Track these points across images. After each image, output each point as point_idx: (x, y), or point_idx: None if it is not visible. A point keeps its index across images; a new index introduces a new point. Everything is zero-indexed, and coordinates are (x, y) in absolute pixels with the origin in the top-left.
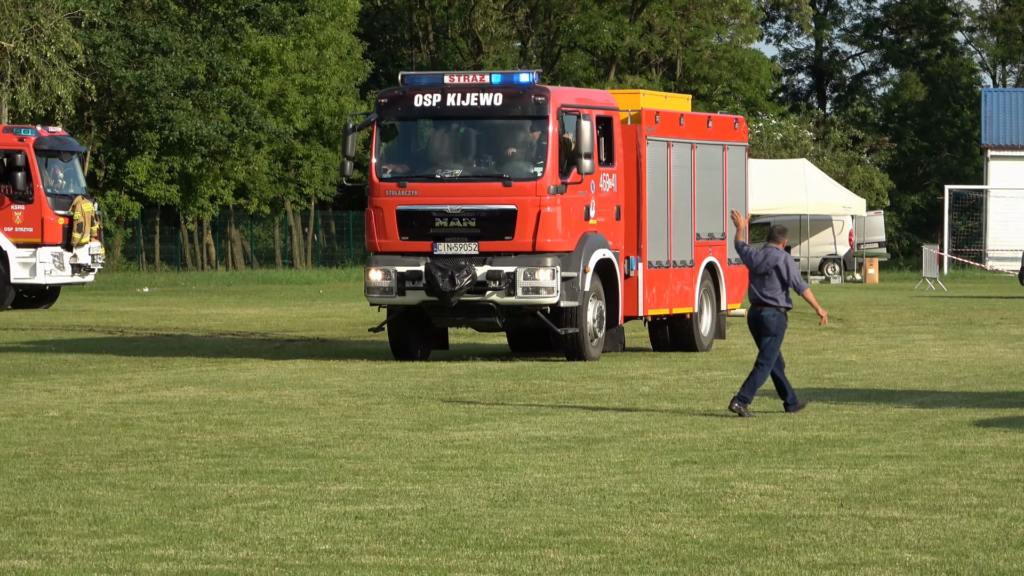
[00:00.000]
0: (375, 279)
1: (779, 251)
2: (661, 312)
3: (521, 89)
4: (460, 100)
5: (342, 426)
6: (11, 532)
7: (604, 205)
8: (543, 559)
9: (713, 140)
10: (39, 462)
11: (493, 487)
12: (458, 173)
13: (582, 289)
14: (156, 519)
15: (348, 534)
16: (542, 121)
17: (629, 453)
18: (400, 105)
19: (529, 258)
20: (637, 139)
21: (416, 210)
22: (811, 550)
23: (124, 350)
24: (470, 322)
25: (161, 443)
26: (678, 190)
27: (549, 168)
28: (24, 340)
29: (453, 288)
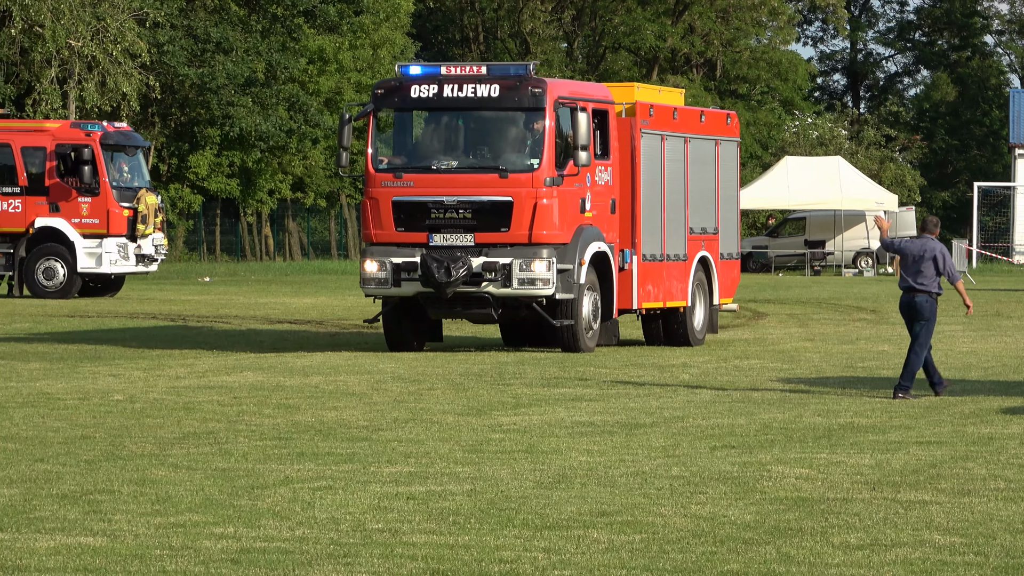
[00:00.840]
0: (371, 270)
1: (935, 242)
2: (655, 305)
3: (518, 80)
4: (457, 91)
5: (394, 411)
6: (78, 510)
7: (599, 198)
8: (587, 539)
9: (706, 135)
10: (105, 444)
11: (539, 470)
12: (454, 164)
13: (577, 281)
14: (216, 499)
15: (400, 514)
16: (539, 113)
17: (670, 438)
18: (397, 96)
19: (525, 250)
20: (632, 132)
21: (412, 201)
22: (844, 531)
23: (186, 337)
24: (465, 313)
25: (221, 426)
26: (672, 184)
27: (545, 160)
28: (90, 327)
29: (449, 279)
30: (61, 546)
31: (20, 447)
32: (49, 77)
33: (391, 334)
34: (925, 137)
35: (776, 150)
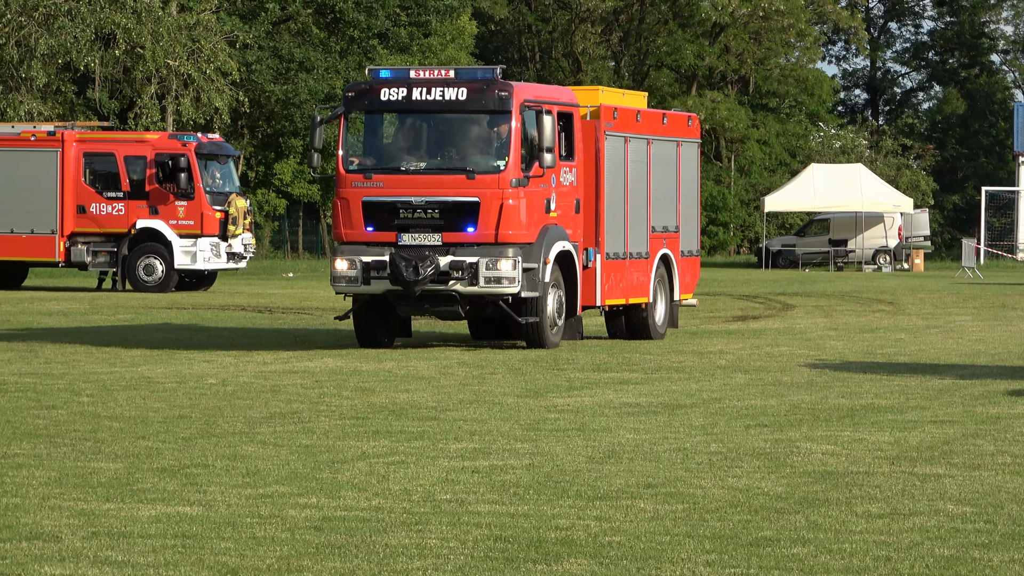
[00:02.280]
0: (341, 268)
1: None
2: (618, 302)
3: (485, 84)
4: (425, 94)
5: (460, 393)
6: (176, 482)
7: (564, 198)
8: (634, 508)
9: (668, 136)
10: (199, 423)
11: (591, 446)
12: (422, 166)
13: (542, 280)
14: (300, 472)
15: (466, 486)
16: (505, 116)
17: (708, 417)
18: (367, 98)
19: (491, 249)
20: (596, 134)
21: (381, 201)
22: (866, 502)
23: (272, 326)
24: (433, 311)
25: (304, 407)
26: (634, 184)
27: (511, 162)
28: (186, 318)
29: (417, 278)
30: (161, 515)
31: (124, 426)
32: (149, 93)
33: (361, 330)
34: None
35: (803, 158)
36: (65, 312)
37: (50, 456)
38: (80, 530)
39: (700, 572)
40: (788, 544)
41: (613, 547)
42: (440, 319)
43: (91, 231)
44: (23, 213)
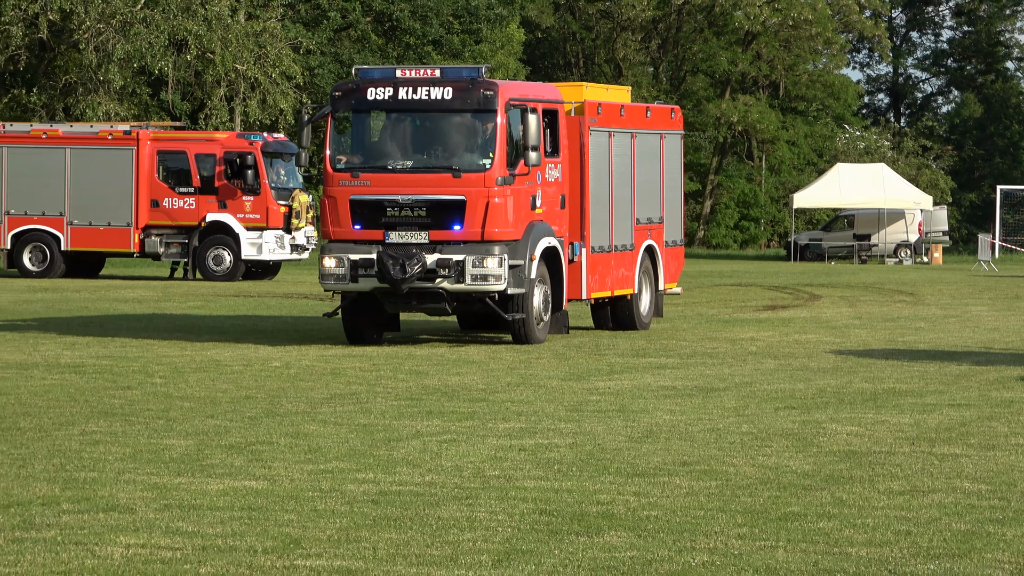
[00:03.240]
0: (329, 266)
1: None
2: (603, 295)
3: (470, 83)
4: (411, 93)
5: (507, 376)
6: (243, 458)
7: (549, 194)
8: (670, 485)
9: (652, 129)
10: (264, 403)
11: (630, 426)
12: (409, 164)
13: (528, 276)
14: (359, 449)
15: (513, 463)
16: (491, 114)
17: (740, 400)
18: (353, 98)
19: (478, 247)
20: (581, 130)
21: (368, 200)
22: (888, 479)
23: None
24: (421, 308)
25: (362, 388)
26: (619, 177)
27: (497, 160)
28: (252, 305)
29: (404, 276)
30: (229, 488)
31: (194, 405)
32: (218, 95)
33: (349, 327)
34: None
35: (829, 158)
36: (139, 299)
37: (125, 433)
38: (153, 502)
39: (732, 545)
40: (814, 519)
41: (651, 521)
42: (428, 315)
43: (164, 224)
44: (101, 207)
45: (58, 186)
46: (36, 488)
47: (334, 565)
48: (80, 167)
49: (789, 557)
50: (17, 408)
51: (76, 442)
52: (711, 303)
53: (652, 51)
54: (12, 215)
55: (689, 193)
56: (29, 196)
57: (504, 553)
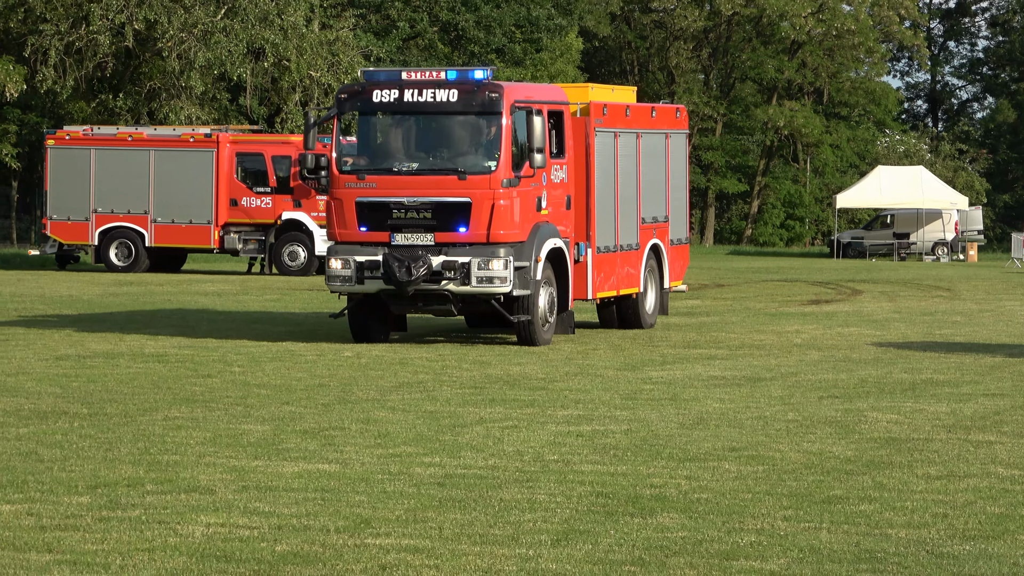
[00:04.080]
0: (335, 268)
1: None
2: (609, 294)
3: (476, 85)
4: (417, 96)
5: (566, 366)
6: (316, 443)
7: (555, 195)
8: (720, 469)
9: (657, 129)
10: (337, 391)
11: (681, 414)
12: (415, 166)
13: (534, 278)
14: (425, 435)
15: (571, 448)
16: (496, 116)
17: (786, 389)
18: (359, 100)
19: (483, 249)
20: (586, 130)
21: (374, 202)
22: (926, 465)
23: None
24: (426, 309)
25: (429, 377)
26: (624, 177)
27: (503, 162)
28: (325, 299)
29: (409, 278)
30: (303, 471)
31: (270, 392)
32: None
33: (356, 328)
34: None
35: (870, 161)
36: (219, 293)
37: (205, 419)
38: (232, 484)
39: (778, 526)
40: (856, 502)
41: (701, 503)
42: (434, 316)
43: (242, 221)
44: (183, 205)
45: (143, 186)
46: (122, 470)
47: (402, 544)
48: (163, 168)
49: (832, 538)
50: (104, 395)
51: (159, 427)
52: (758, 298)
53: (703, 59)
54: (100, 213)
55: (738, 194)
56: (115, 195)
57: (563, 533)
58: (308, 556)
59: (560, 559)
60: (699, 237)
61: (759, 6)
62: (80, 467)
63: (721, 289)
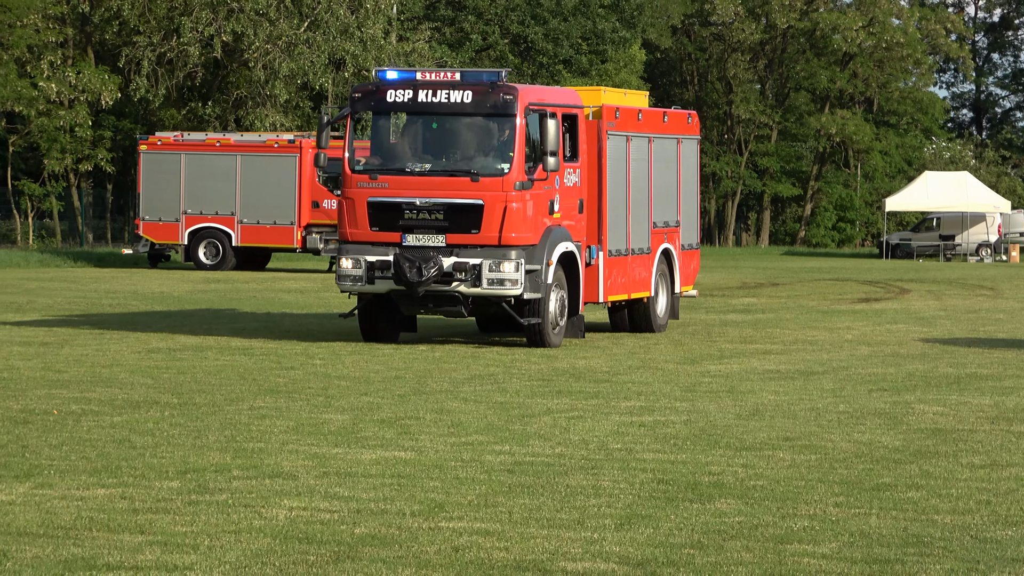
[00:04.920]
0: (346, 267)
1: None
2: (620, 298)
3: (490, 87)
4: (431, 96)
5: (628, 360)
6: (393, 431)
7: (568, 199)
8: (774, 458)
9: (669, 134)
10: (412, 382)
11: (738, 405)
12: (427, 167)
13: (545, 281)
14: (496, 424)
15: (633, 437)
16: (510, 118)
17: (837, 382)
18: (373, 100)
19: (495, 251)
20: (599, 134)
21: (386, 202)
22: (970, 454)
23: None
24: (437, 311)
25: (499, 370)
26: (636, 181)
27: (516, 164)
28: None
29: (420, 279)
30: (380, 458)
31: (350, 384)
32: None
33: (366, 328)
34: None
35: (918, 166)
36: (301, 290)
37: (288, 408)
38: (313, 470)
39: (830, 512)
40: (904, 489)
41: (757, 490)
42: (445, 317)
43: (323, 223)
44: (267, 207)
45: (230, 189)
46: (210, 457)
47: (474, 527)
48: (249, 172)
49: (881, 523)
50: (193, 385)
51: (245, 416)
52: (811, 296)
53: (759, 70)
54: (189, 214)
55: (792, 197)
56: (204, 197)
57: (626, 517)
58: (385, 538)
59: (623, 542)
60: (755, 238)
61: (813, 20)
62: (170, 454)
63: (776, 288)
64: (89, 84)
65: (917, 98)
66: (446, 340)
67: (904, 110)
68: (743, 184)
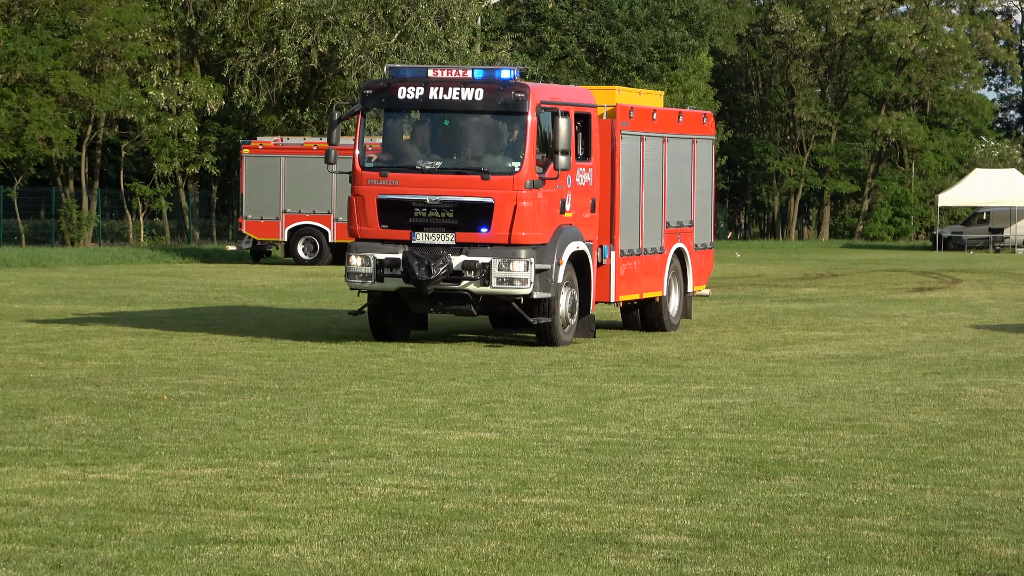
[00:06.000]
0: (355, 264)
1: None
2: (632, 297)
3: (502, 85)
4: (442, 94)
5: (698, 346)
6: (478, 414)
7: (579, 198)
8: (835, 437)
9: (683, 134)
10: (496, 368)
11: (801, 388)
12: (438, 165)
13: (555, 281)
14: (574, 406)
15: (703, 419)
16: (521, 117)
17: (894, 366)
18: (384, 96)
19: (504, 250)
20: (613, 133)
21: (396, 199)
22: (1019, 433)
23: None
24: (446, 309)
25: (577, 356)
26: (650, 181)
27: (526, 163)
28: None
29: (429, 277)
30: (467, 439)
31: (438, 370)
32: None
33: (376, 325)
34: None
35: (969, 164)
36: None
37: (381, 393)
38: (405, 450)
39: (888, 487)
40: (957, 466)
41: (819, 467)
42: (454, 315)
43: None
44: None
45: (326, 189)
46: (309, 438)
47: (555, 503)
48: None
49: (935, 497)
50: (293, 372)
51: (341, 400)
52: (869, 286)
53: (819, 75)
54: (288, 213)
55: (850, 194)
56: (302, 197)
57: (696, 493)
58: (472, 513)
59: (694, 516)
60: (816, 232)
61: (869, 28)
62: (272, 435)
63: (836, 278)
64: (195, 93)
65: (967, 100)
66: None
67: (955, 111)
68: (805, 182)
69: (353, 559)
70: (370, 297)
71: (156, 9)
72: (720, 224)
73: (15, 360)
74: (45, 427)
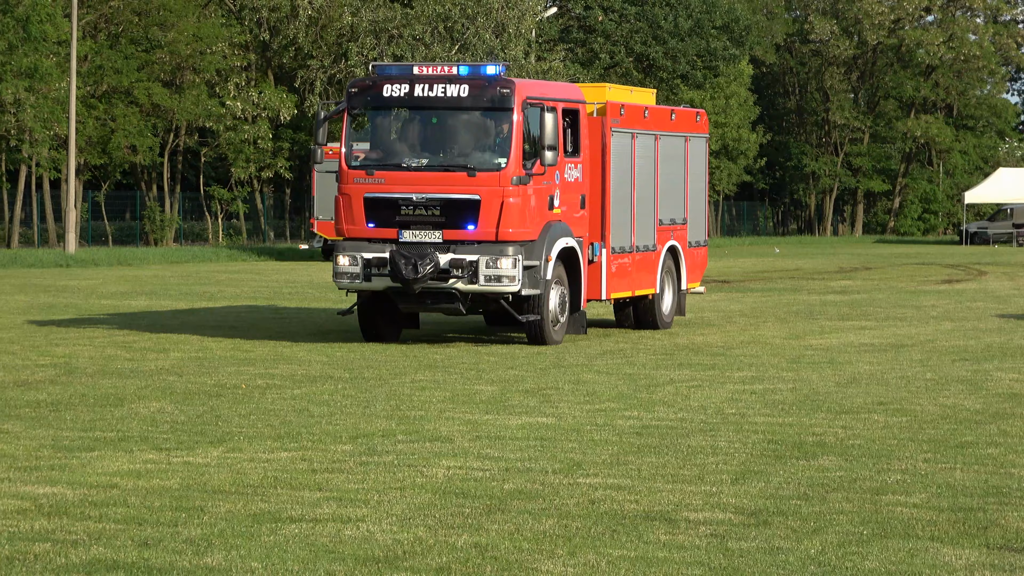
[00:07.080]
0: (343, 264)
1: None
2: (623, 295)
3: (487, 81)
4: (428, 91)
5: (740, 336)
6: (536, 400)
7: (569, 194)
8: (870, 420)
9: (676, 132)
10: (552, 357)
11: (838, 374)
12: (424, 162)
13: (544, 277)
14: (625, 393)
15: (745, 403)
16: (507, 112)
17: (924, 354)
18: (369, 94)
19: (492, 247)
20: (603, 130)
21: (382, 198)
22: None
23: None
24: (434, 308)
25: (627, 345)
26: (642, 179)
27: (513, 159)
28: None
29: (416, 276)
30: (525, 424)
31: (498, 359)
32: None
33: (365, 325)
34: None
35: (993, 164)
36: None
37: (445, 381)
38: (467, 434)
39: (920, 467)
40: (984, 446)
41: (855, 448)
42: (443, 314)
43: None
44: None
45: None
46: (377, 424)
47: (608, 483)
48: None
49: (964, 476)
50: (362, 362)
51: (407, 388)
52: (900, 278)
53: (852, 81)
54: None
55: (882, 192)
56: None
57: (740, 473)
58: (530, 493)
59: (738, 494)
60: (850, 228)
61: (899, 36)
62: (343, 421)
63: (869, 271)
64: (269, 102)
65: (991, 104)
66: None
67: (980, 114)
68: (839, 181)
69: (420, 536)
70: (359, 296)
71: (233, 25)
72: (761, 220)
73: (103, 352)
74: (132, 414)
